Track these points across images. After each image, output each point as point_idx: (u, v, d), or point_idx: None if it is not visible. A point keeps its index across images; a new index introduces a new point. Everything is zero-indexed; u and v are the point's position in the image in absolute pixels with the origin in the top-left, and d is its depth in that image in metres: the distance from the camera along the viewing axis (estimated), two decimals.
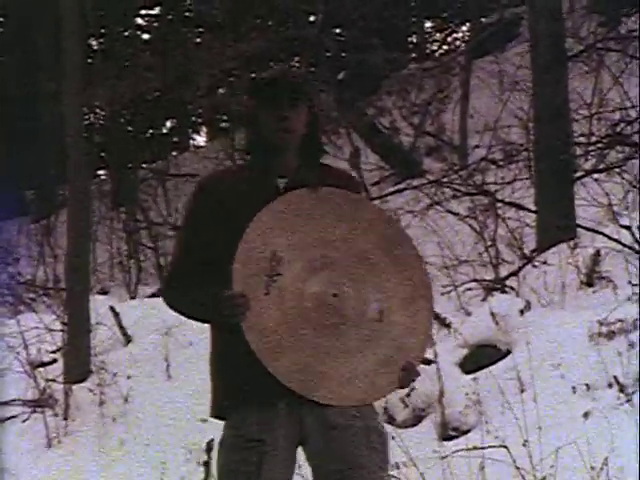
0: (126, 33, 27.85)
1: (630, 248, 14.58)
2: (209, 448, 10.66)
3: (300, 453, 6.68)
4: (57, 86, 15.97)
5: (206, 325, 6.78)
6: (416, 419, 12.40)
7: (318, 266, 6.46)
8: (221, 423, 6.76)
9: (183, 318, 6.96)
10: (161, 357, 14.48)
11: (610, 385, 11.07)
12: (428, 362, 8.94)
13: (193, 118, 30.28)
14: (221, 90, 23.15)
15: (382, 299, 6.52)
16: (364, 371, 6.51)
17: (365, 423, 6.68)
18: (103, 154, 27.36)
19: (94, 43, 27.24)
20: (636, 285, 13.24)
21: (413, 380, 6.73)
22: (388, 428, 11.35)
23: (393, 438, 10.75)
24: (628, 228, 14.78)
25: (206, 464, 10.83)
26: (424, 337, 6.80)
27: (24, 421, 13.99)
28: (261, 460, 6.52)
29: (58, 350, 15.26)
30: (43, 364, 15.10)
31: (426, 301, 6.77)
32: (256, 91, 6.82)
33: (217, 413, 6.74)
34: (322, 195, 6.60)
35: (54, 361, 15.25)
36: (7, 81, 24.02)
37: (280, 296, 6.34)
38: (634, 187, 16.49)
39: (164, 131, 30.20)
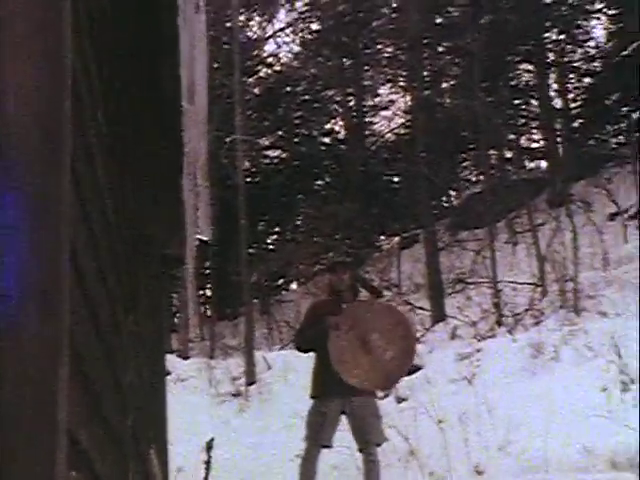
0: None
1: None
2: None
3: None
4: None
5: None
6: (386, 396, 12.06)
7: (364, 328, 6.71)
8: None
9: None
10: None
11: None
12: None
13: None
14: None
15: (390, 345, 6.75)
16: (378, 377, 6.78)
17: (371, 401, 6.94)
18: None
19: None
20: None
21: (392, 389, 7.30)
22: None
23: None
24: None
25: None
26: (407, 365, 7.14)
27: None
28: (324, 419, 6.71)
29: None
30: None
31: (411, 348, 7.07)
32: (326, 268, 7.40)
33: (312, 395, 6.85)
34: (365, 304, 7.19)
35: None
36: None
37: (347, 338, 6.63)
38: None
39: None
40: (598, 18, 21.60)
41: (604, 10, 21.12)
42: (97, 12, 2.66)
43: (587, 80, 22.12)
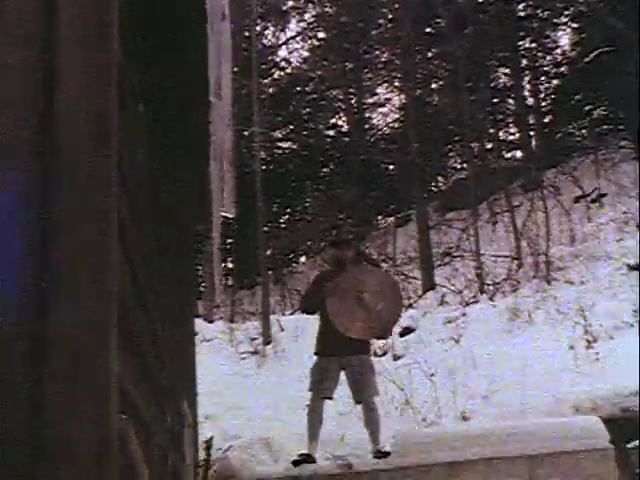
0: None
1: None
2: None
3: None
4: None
5: None
6: (384, 354, 11.95)
7: (358, 288, 6.52)
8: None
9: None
10: None
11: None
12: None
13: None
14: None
15: (380, 300, 6.55)
16: (373, 326, 6.53)
17: (366, 358, 6.65)
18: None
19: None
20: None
21: (388, 336, 7.04)
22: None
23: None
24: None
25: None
26: (396, 315, 6.89)
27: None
28: (325, 373, 6.53)
29: None
30: None
31: (399, 305, 6.96)
32: (331, 244, 7.24)
33: (315, 353, 6.69)
34: (357, 269, 6.77)
35: None
36: None
37: (344, 298, 6.45)
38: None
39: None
40: (564, 30, 21.69)
41: (569, 23, 21.19)
42: (136, 24, 2.62)
43: (555, 82, 22.09)
